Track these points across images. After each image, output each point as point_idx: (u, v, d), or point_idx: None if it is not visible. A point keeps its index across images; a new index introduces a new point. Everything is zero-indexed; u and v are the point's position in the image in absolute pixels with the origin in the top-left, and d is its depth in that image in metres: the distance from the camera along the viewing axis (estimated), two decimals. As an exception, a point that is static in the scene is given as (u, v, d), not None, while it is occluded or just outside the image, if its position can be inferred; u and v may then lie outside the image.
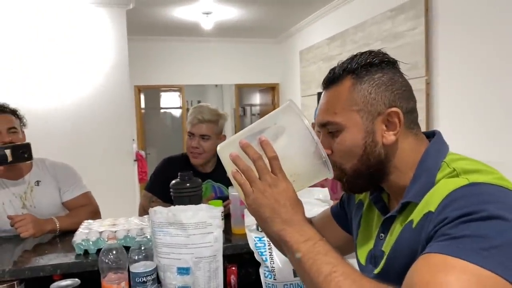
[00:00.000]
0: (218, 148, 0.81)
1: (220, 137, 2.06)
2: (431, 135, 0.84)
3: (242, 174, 0.75)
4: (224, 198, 1.82)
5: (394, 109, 0.78)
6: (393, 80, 0.80)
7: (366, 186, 0.86)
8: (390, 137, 0.79)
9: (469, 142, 2.41)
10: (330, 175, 0.78)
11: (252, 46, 6.18)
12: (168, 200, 1.81)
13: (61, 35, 3.81)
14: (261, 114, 7.12)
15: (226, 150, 0.79)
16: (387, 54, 0.82)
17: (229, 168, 0.78)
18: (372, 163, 0.80)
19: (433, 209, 0.70)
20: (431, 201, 0.72)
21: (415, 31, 3.13)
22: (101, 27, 3.96)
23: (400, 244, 0.76)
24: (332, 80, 0.83)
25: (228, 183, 1.90)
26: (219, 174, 2.06)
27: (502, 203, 0.64)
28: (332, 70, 0.84)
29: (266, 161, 0.74)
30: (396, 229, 0.80)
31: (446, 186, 0.70)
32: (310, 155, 0.76)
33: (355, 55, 0.82)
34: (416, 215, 0.74)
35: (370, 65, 0.80)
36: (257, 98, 7.57)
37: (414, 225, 0.74)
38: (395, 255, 0.77)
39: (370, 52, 0.81)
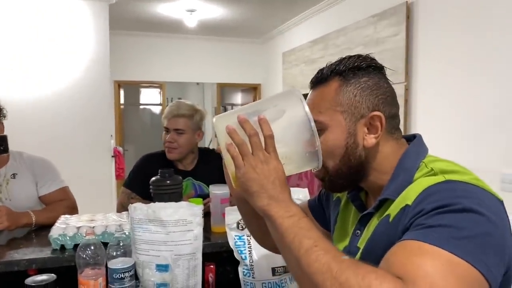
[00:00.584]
0: (214, 119, 0.81)
1: (198, 133, 2.06)
2: (412, 138, 0.87)
3: (236, 147, 0.76)
4: (204, 196, 1.82)
5: (376, 113, 0.81)
6: (379, 85, 0.83)
7: (347, 186, 0.89)
8: (371, 140, 0.82)
9: (445, 148, 2.47)
10: (318, 165, 0.79)
11: (235, 46, 6.18)
12: (147, 197, 1.80)
13: (42, 27, 3.74)
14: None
15: (223, 122, 0.79)
16: (374, 60, 0.85)
17: (223, 140, 0.78)
18: (353, 164, 0.82)
19: (410, 203, 0.73)
20: (408, 196, 0.74)
21: (396, 37, 3.19)
22: (83, 20, 3.90)
23: (375, 238, 0.79)
24: (319, 80, 0.86)
25: (208, 182, 1.92)
26: (199, 172, 2.06)
27: (477, 199, 0.67)
28: (321, 71, 0.86)
29: (262, 139, 0.75)
30: (373, 224, 0.82)
31: (423, 183, 0.74)
32: (304, 142, 0.77)
33: (344, 58, 0.84)
34: (392, 210, 0.77)
35: (358, 68, 0.83)
36: (238, 98, 7.57)
37: (390, 219, 0.76)
38: (371, 249, 0.80)
39: (359, 56, 0.84)
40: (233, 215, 1.44)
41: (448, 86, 2.66)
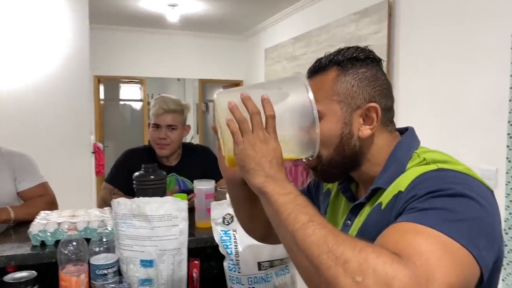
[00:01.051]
0: (215, 95, 0.80)
1: (185, 127, 2.05)
2: (405, 130, 0.88)
3: (236, 124, 0.75)
4: (188, 192, 1.81)
5: (373, 104, 0.81)
6: (376, 77, 0.84)
7: (339, 176, 0.89)
8: (366, 131, 0.82)
9: (426, 144, 2.51)
10: (314, 153, 0.80)
11: (217, 42, 6.14)
12: (129, 192, 1.77)
13: (19, 21, 3.64)
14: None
15: (225, 98, 0.78)
16: (373, 52, 0.86)
17: (223, 116, 0.77)
18: (347, 154, 0.83)
19: (402, 189, 0.74)
20: (400, 183, 0.76)
21: (378, 35, 3.21)
22: (62, 14, 3.81)
23: (367, 226, 0.80)
24: (318, 69, 0.86)
25: (192, 177, 1.90)
26: (183, 167, 2.04)
27: (469, 185, 0.69)
28: (319, 60, 0.86)
29: (263, 119, 0.75)
30: (364, 213, 0.83)
31: (416, 171, 0.75)
32: (304, 128, 0.77)
33: (342, 49, 0.85)
34: (385, 198, 0.78)
35: (356, 59, 0.83)
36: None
37: (383, 207, 0.77)
38: (362, 237, 0.79)
39: (357, 47, 0.85)
40: (218, 210, 1.43)
41: (429, 83, 2.70)
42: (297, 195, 0.70)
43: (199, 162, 2.05)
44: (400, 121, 0.91)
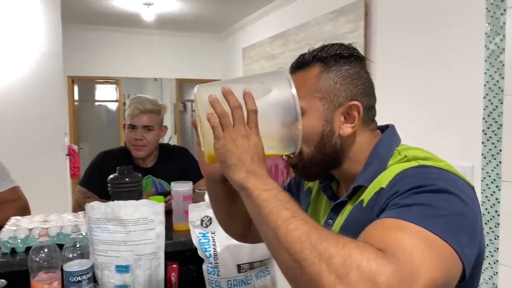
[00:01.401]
0: (196, 88, 0.78)
1: (162, 128, 2.01)
2: (385, 128, 0.88)
3: (217, 118, 0.73)
4: (165, 194, 1.77)
5: (355, 102, 0.81)
6: (359, 75, 0.83)
7: (320, 174, 0.88)
8: (347, 129, 0.81)
9: (404, 142, 2.53)
10: (296, 149, 0.78)
11: (194, 41, 6.08)
12: (104, 196, 1.73)
13: (-13, 18, 3.53)
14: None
15: (205, 92, 0.75)
16: (356, 49, 0.86)
17: (204, 110, 0.74)
18: (328, 152, 0.82)
19: (384, 186, 0.73)
20: (382, 180, 0.75)
21: (354, 34, 3.23)
22: (33, 13, 3.70)
23: (349, 224, 0.79)
24: (301, 65, 0.85)
25: (169, 179, 1.87)
26: (160, 169, 2.00)
27: (451, 181, 0.69)
28: (302, 56, 0.85)
29: (245, 113, 0.73)
30: (346, 211, 0.82)
31: (397, 168, 0.75)
32: (286, 124, 0.76)
33: (326, 45, 0.84)
34: (366, 195, 0.77)
35: (340, 56, 0.82)
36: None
37: (364, 204, 0.77)
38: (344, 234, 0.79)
39: (341, 44, 0.84)
40: (196, 212, 1.40)
41: (405, 82, 2.72)
42: (279, 191, 0.68)
43: (176, 163, 2.02)
44: (376, 120, 0.90)
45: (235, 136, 0.71)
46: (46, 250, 1.17)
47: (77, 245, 1.24)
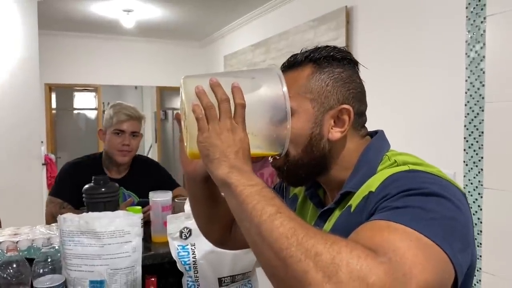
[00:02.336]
0: (183, 78, 0.74)
1: (139, 135, 2.00)
2: (374, 134, 0.86)
3: (202, 110, 0.69)
4: (144, 204, 1.71)
5: (346, 106, 0.78)
6: (351, 79, 0.81)
7: (305, 178, 0.84)
8: (336, 133, 0.79)
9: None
10: (283, 150, 0.76)
11: (175, 48, 6.03)
12: (78, 206, 1.67)
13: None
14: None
15: (192, 83, 0.72)
16: (350, 53, 0.83)
17: (189, 101, 0.71)
18: (315, 156, 0.79)
19: (373, 189, 0.70)
20: (371, 184, 0.72)
21: (336, 42, 3.23)
22: (8, 19, 3.60)
23: (336, 230, 0.75)
24: (292, 64, 0.82)
25: (140, 191, 1.85)
26: (132, 181, 1.96)
27: (443, 186, 0.67)
28: (294, 56, 0.82)
29: (232, 108, 0.70)
30: (334, 218, 0.79)
31: (386, 172, 0.72)
32: (274, 123, 0.73)
33: (319, 47, 0.82)
34: (354, 200, 0.74)
35: (333, 58, 0.80)
36: (179, 102, 7.37)
37: (352, 209, 0.74)
38: None
39: (335, 47, 0.82)
40: (175, 224, 1.35)
41: (387, 89, 2.73)
42: (263, 187, 0.64)
43: (148, 178, 1.98)
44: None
45: (220, 130, 0.68)
46: (14, 265, 1.11)
47: (49, 260, 1.18)
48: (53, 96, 5.89)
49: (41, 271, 1.15)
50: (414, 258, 0.55)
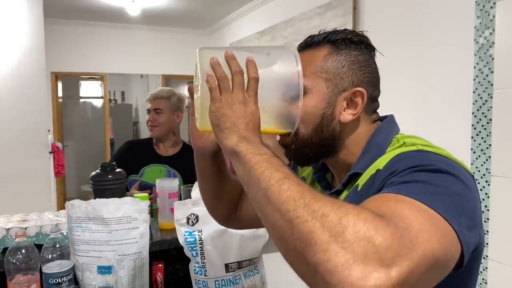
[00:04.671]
0: (198, 50, 0.75)
1: (177, 114, 2.25)
2: (384, 118, 0.86)
3: (216, 80, 0.70)
4: (150, 187, 1.76)
5: (360, 88, 0.78)
6: (368, 63, 0.80)
7: (312, 158, 0.84)
8: (348, 115, 0.79)
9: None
10: (294, 128, 0.76)
11: (181, 36, 5.99)
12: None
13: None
14: (189, 106, 6.96)
15: (207, 54, 0.73)
16: (368, 38, 0.83)
17: (203, 72, 0.72)
18: (325, 136, 0.79)
19: (381, 167, 0.70)
20: (378, 164, 0.72)
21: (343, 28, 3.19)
22: (14, 8, 3.60)
23: None
24: (310, 44, 0.82)
25: (184, 174, 2.08)
26: (178, 162, 2.19)
27: (452, 165, 0.66)
28: (311, 37, 0.82)
29: (245, 81, 0.71)
30: (341, 198, 0.79)
31: (395, 152, 0.72)
32: (287, 100, 0.74)
33: (337, 30, 0.81)
34: (362, 180, 0.74)
35: (351, 41, 0.80)
36: (185, 90, 7.34)
37: (359, 188, 0.74)
38: None
39: (353, 31, 0.82)
40: (182, 210, 1.36)
41: (394, 76, 2.70)
42: (272, 156, 0.65)
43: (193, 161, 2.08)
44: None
45: (232, 101, 0.69)
46: (23, 251, 1.12)
47: (57, 246, 1.19)
48: (59, 84, 5.90)
49: (49, 256, 1.17)
50: (421, 226, 0.54)
